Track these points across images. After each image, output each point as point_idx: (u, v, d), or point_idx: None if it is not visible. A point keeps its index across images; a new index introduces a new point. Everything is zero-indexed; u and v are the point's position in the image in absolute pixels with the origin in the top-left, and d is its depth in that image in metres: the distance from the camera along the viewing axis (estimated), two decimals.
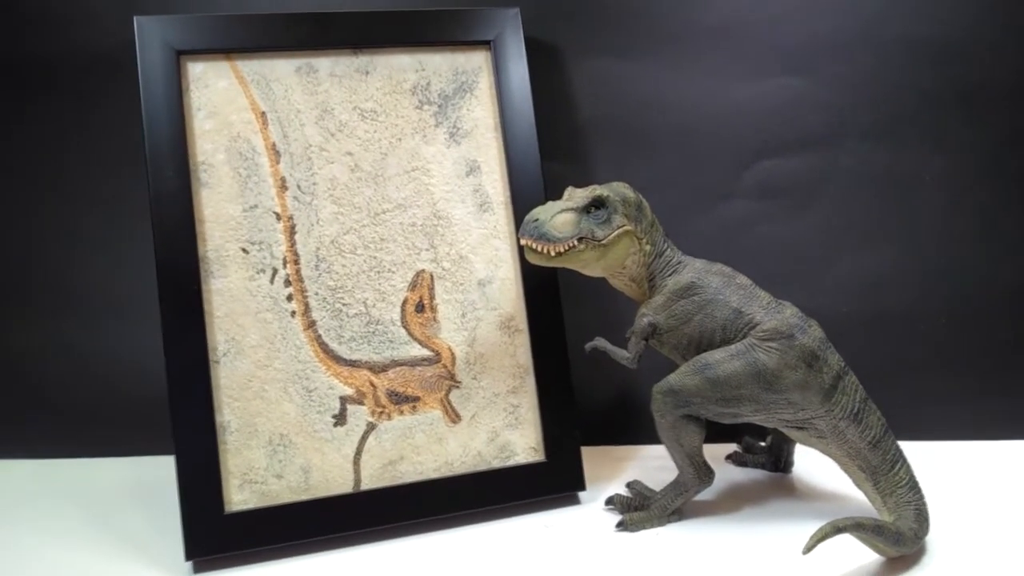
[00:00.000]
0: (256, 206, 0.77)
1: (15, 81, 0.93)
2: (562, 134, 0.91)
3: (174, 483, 0.71)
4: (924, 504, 0.68)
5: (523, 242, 0.71)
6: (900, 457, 0.70)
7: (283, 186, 0.78)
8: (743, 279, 0.74)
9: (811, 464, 0.83)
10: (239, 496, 0.73)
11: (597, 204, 0.72)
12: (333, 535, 0.74)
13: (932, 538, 0.68)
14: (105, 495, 0.86)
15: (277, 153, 0.78)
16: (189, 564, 0.71)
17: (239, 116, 0.77)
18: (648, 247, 0.75)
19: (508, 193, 0.82)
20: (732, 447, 0.89)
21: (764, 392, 0.70)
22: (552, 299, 0.81)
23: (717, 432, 0.79)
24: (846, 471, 0.72)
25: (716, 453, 0.86)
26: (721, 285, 0.73)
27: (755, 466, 0.86)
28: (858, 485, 0.72)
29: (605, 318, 0.88)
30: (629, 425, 0.92)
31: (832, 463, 0.74)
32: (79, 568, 0.71)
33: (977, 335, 0.90)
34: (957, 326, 0.90)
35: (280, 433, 0.75)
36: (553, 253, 0.71)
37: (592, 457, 0.84)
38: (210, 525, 0.71)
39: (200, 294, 0.74)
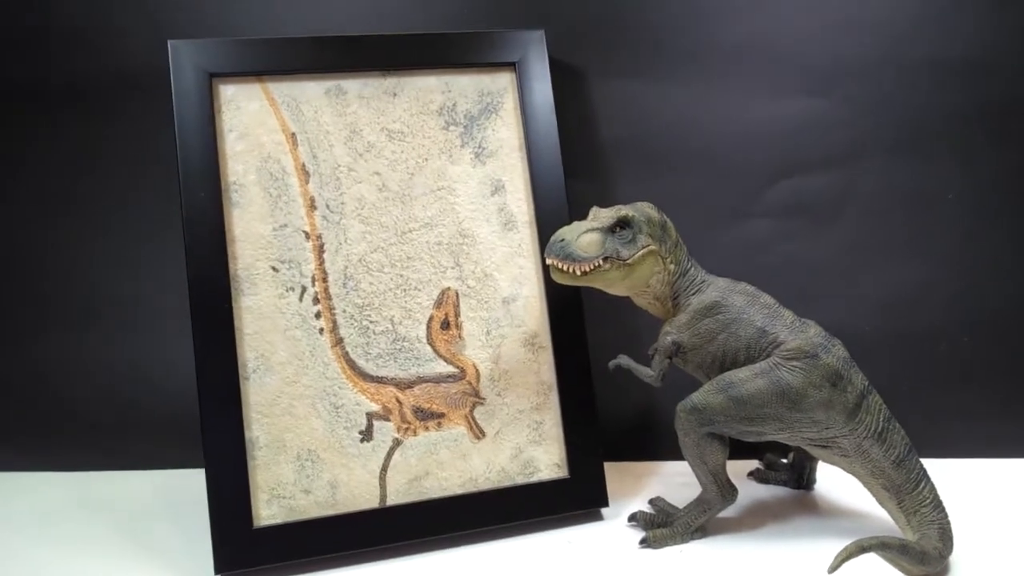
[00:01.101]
0: (286, 225, 0.78)
1: (48, 102, 0.95)
2: (586, 154, 0.93)
3: (203, 497, 0.73)
4: (948, 523, 0.68)
5: (549, 262, 0.72)
6: (924, 476, 0.70)
7: (312, 206, 0.79)
8: (767, 298, 0.75)
9: (833, 481, 0.84)
10: (267, 511, 0.74)
11: (622, 224, 0.73)
12: (359, 550, 0.75)
13: (956, 557, 0.68)
14: (135, 508, 0.87)
15: (307, 173, 0.80)
16: None
17: (270, 137, 0.79)
18: (672, 266, 0.75)
19: (532, 212, 0.83)
20: (754, 464, 0.90)
21: (788, 411, 0.71)
22: (576, 317, 0.82)
23: (739, 449, 0.79)
24: (869, 490, 0.73)
25: (738, 470, 0.86)
26: (745, 304, 0.74)
27: (777, 483, 0.86)
28: (881, 504, 0.72)
29: (628, 336, 0.89)
30: (652, 442, 0.93)
31: (854, 480, 0.74)
32: None
33: (1000, 353, 0.90)
34: (980, 344, 0.90)
35: (308, 449, 0.76)
36: (579, 272, 0.72)
37: (615, 473, 0.85)
38: (239, 539, 0.72)
39: (231, 311, 0.76)
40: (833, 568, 0.61)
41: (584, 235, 0.72)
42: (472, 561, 0.73)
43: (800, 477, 0.85)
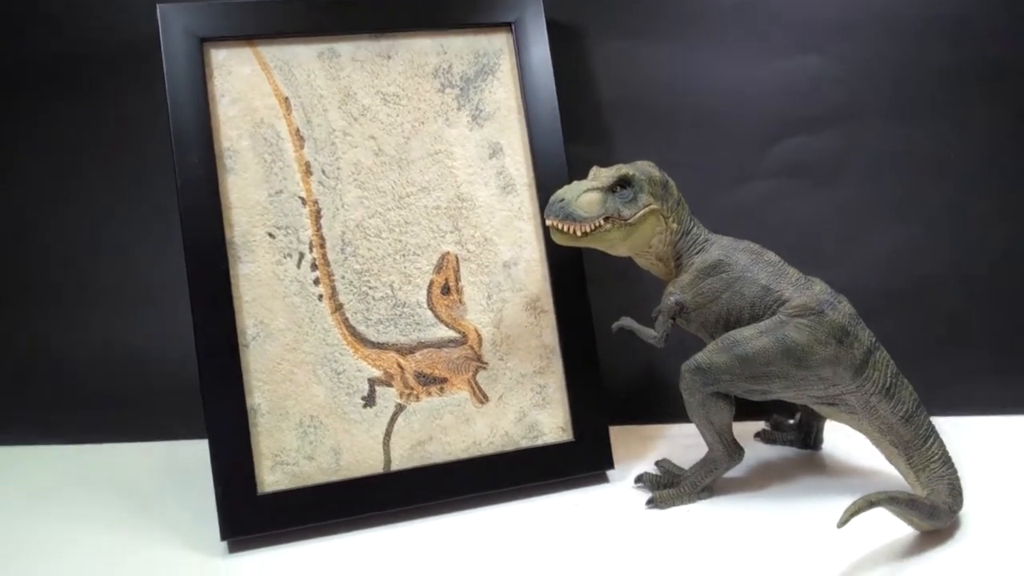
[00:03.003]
0: (282, 191, 0.77)
1: (38, 75, 0.94)
2: (584, 115, 0.91)
3: (208, 466, 0.72)
4: (957, 478, 0.67)
5: (549, 222, 0.71)
6: (932, 432, 0.69)
7: (308, 171, 0.78)
8: (771, 256, 0.74)
9: (840, 440, 0.83)
10: (271, 477, 0.74)
11: (623, 183, 0.72)
12: (364, 515, 0.74)
13: (965, 512, 0.68)
14: (140, 479, 0.87)
15: (301, 138, 0.78)
16: (224, 544, 0.72)
17: (263, 102, 0.78)
18: (675, 225, 0.74)
19: (531, 174, 0.82)
20: (760, 425, 0.89)
21: (794, 369, 0.70)
22: (578, 279, 0.81)
23: (745, 410, 0.78)
24: (878, 446, 0.72)
25: (745, 431, 0.86)
26: (749, 262, 0.73)
27: (784, 443, 0.86)
28: (890, 460, 0.72)
29: (631, 298, 0.88)
30: (657, 404, 0.92)
31: (862, 438, 0.73)
32: (116, 550, 0.73)
33: (1002, 310, 0.89)
34: (983, 302, 0.89)
35: (310, 415, 0.76)
36: (579, 233, 0.71)
37: (620, 436, 0.84)
38: (244, 506, 0.72)
39: (228, 279, 0.75)
40: (842, 523, 0.60)
41: (584, 195, 0.71)
42: (477, 525, 0.73)
43: (807, 437, 0.84)
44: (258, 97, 0.78)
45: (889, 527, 0.65)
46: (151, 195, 0.94)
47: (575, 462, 0.79)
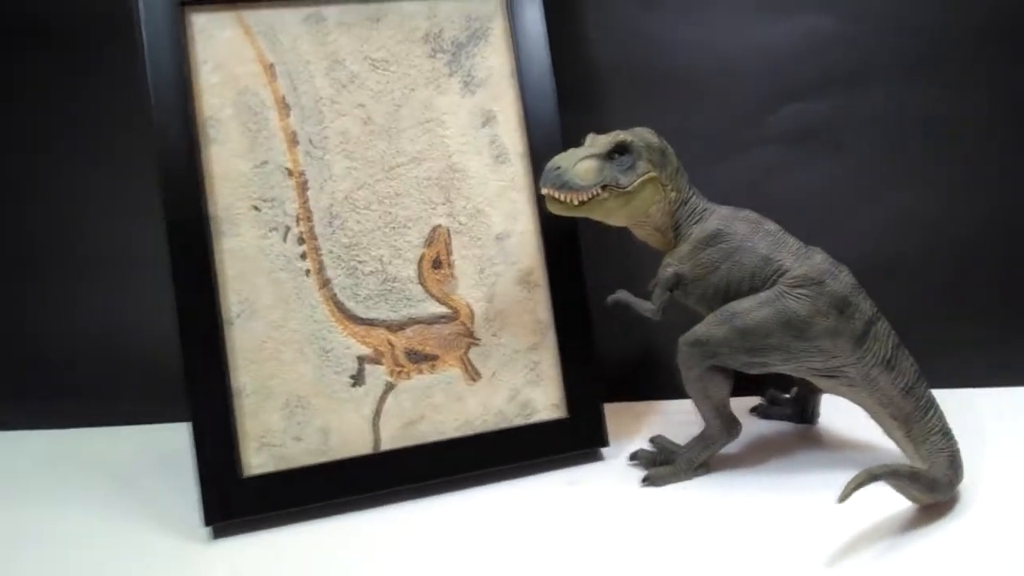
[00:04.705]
0: (267, 162, 0.75)
1: (13, 43, 0.91)
2: (580, 82, 0.89)
3: (191, 450, 0.70)
4: (958, 451, 0.67)
5: (544, 191, 0.69)
6: (933, 404, 0.68)
7: (294, 141, 0.75)
8: (771, 225, 0.72)
9: (837, 415, 0.82)
10: (257, 460, 0.72)
11: (620, 150, 0.70)
12: (353, 497, 0.72)
13: (966, 485, 0.67)
14: (123, 464, 0.85)
15: (287, 107, 0.75)
16: (208, 530, 0.70)
17: (246, 68, 0.75)
18: (673, 194, 0.72)
19: (525, 143, 0.79)
20: (756, 400, 0.88)
21: (794, 340, 0.68)
22: (572, 252, 0.79)
23: (741, 385, 0.77)
24: (876, 419, 0.71)
25: (740, 406, 0.84)
26: (748, 232, 0.71)
27: (780, 418, 0.85)
28: (889, 434, 0.71)
29: (627, 271, 0.86)
30: (652, 380, 0.91)
31: (858, 413, 0.72)
32: (98, 536, 0.70)
33: (1004, 280, 0.88)
34: (984, 271, 0.88)
35: (297, 395, 0.73)
36: (576, 202, 0.69)
37: (615, 414, 0.83)
38: (227, 489, 0.70)
39: (211, 254, 0.72)
40: (844, 498, 0.59)
41: (581, 162, 0.69)
42: (470, 505, 0.72)
43: (803, 411, 0.83)
44: (241, 64, 0.75)
45: (887, 501, 0.64)
46: (130, 168, 0.90)
47: (569, 440, 0.78)
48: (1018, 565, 0.57)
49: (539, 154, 0.78)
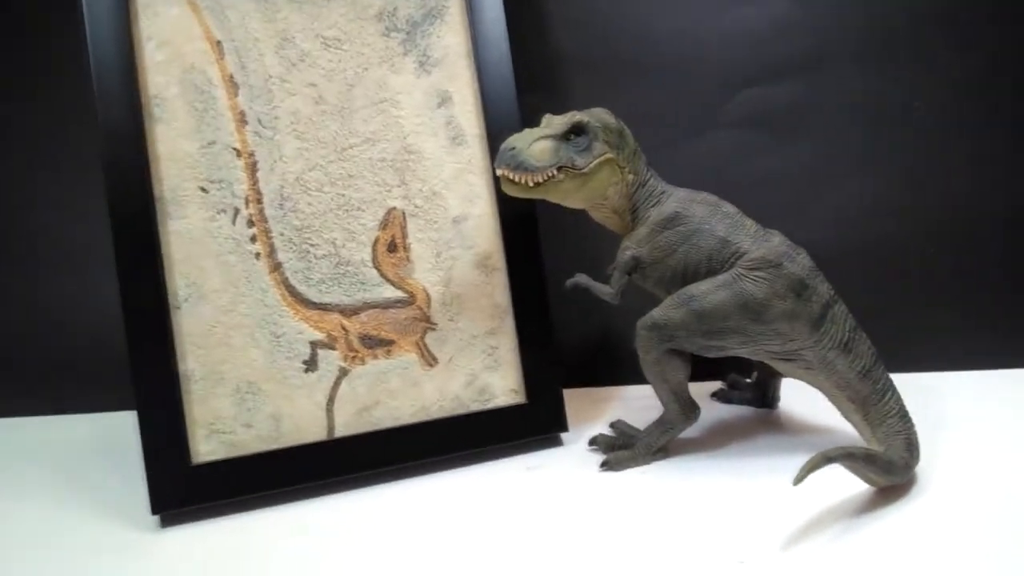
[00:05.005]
0: (214, 142, 0.72)
1: None
2: (538, 63, 0.87)
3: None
4: (914, 433, 0.66)
5: (499, 172, 0.68)
6: (890, 387, 0.68)
7: (242, 120, 0.73)
8: (729, 207, 0.71)
9: (797, 399, 0.82)
10: (206, 447, 0.70)
11: (577, 131, 0.68)
12: (306, 485, 0.71)
13: (923, 467, 0.67)
14: (70, 453, 0.82)
15: (235, 85, 0.73)
16: (156, 518, 0.68)
17: (193, 46, 0.72)
18: (630, 176, 0.71)
19: (482, 125, 0.78)
20: (718, 385, 0.88)
21: (751, 323, 0.68)
22: (531, 236, 0.78)
23: (702, 370, 0.77)
24: (834, 403, 0.71)
25: (701, 391, 0.84)
26: (706, 214, 0.70)
27: (741, 402, 0.84)
28: (847, 417, 0.71)
29: (587, 255, 0.85)
30: (613, 365, 0.90)
31: (819, 397, 0.72)
32: (43, 527, 0.68)
33: (966, 266, 0.88)
34: (946, 257, 0.88)
35: (248, 381, 0.72)
36: (531, 183, 0.67)
37: (575, 399, 0.82)
38: (176, 477, 0.68)
39: (157, 237, 0.70)
40: (798, 480, 0.59)
41: (536, 143, 0.67)
42: (427, 492, 0.70)
43: (764, 396, 0.83)
44: (188, 41, 0.72)
45: (845, 484, 0.64)
46: (73, 149, 0.88)
47: (528, 425, 0.77)
48: (972, 547, 0.57)
49: (497, 136, 0.76)
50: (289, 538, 0.65)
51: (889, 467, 0.63)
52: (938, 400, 0.81)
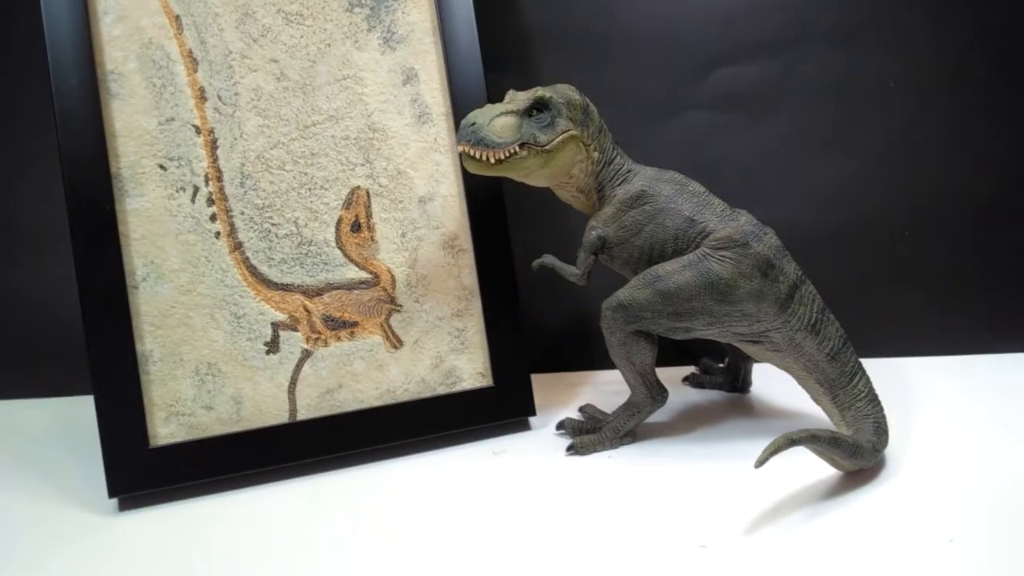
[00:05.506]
0: (173, 119, 0.71)
1: None
2: (506, 41, 0.86)
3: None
4: (883, 417, 0.65)
5: (460, 148, 0.66)
6: (859, 370, 0.67)
7: (202, 96, 0.72)
8: (696, 186, 0.70)
9: (769, 383, 0.81)
10: (165, 429, 0.69)
11: (539, 106, 0.67)
12: (268, 468, 0.70)
13: (892, 451, 0.66)
14: (28, 437, 0.81)
15: (194, 61, 0.72)
16: (114, 502, 0.67)
17: (151, 20, 0.71)
18: (596, 154, 0.70)
19: (448, 103, 0.76)
20: (690, 369, 0.86)
21: (717, 304, 0.66)
22: (498, 216, 0.77)
23: (674, 354, 0.75)
24: (804, 386, 0.70)
25: (673, 376, 0.83)
26: (673, 193, 0.69)
27: (712, 387, 0.83)
28: (816, 400, 0.69)
29: (555, 236, 0.84)
30: (584, 350, 0.89)
31: (791, 382, 0.71)
32: None
33: (941, 247, 0.87)
34: (921, 239, 0.87)
35: (208, 362, 0.70)
36: (493, 160, 0.66)
37: (546, 383, 0.81)
38: (134, 460, 0.67)
39: (114, 215, 0.69)
40: (760, 463, 0.57)
41: (498, 119, 0.66)
42: (391, 476, 0.69)
43: (735, 380, 0.81)
44: (145, 15, 0.71)
45: (813, 469, 0.63)
46: (28, 126, 0.86)
47: (495, 409, 0.75)
48: (939, 531, 0.56)
49: (463, 114, 0.74)
50: (249, 522, 0.63)
51: (856, 450, 0.62)
52: (910, 384, 0.80)
